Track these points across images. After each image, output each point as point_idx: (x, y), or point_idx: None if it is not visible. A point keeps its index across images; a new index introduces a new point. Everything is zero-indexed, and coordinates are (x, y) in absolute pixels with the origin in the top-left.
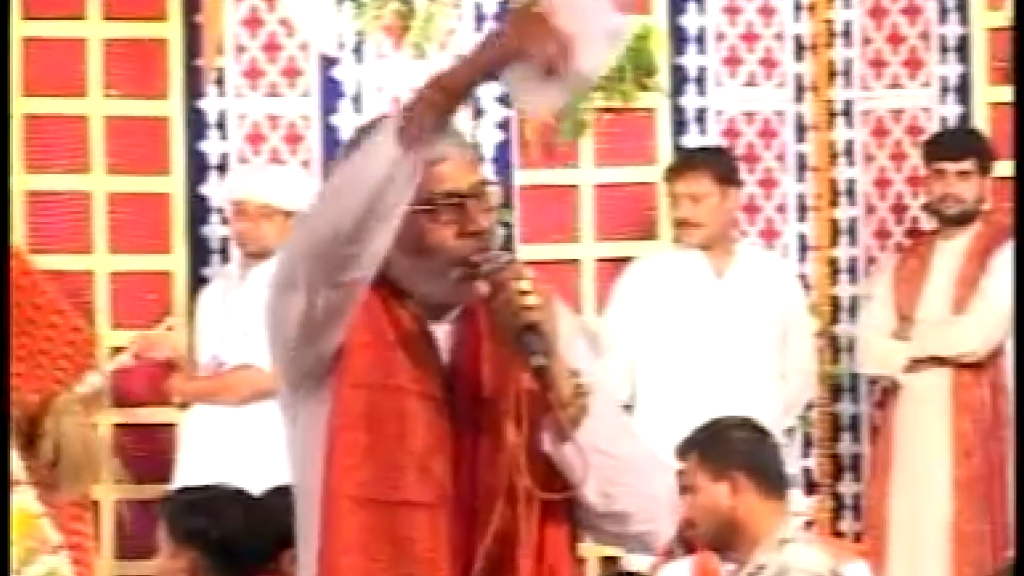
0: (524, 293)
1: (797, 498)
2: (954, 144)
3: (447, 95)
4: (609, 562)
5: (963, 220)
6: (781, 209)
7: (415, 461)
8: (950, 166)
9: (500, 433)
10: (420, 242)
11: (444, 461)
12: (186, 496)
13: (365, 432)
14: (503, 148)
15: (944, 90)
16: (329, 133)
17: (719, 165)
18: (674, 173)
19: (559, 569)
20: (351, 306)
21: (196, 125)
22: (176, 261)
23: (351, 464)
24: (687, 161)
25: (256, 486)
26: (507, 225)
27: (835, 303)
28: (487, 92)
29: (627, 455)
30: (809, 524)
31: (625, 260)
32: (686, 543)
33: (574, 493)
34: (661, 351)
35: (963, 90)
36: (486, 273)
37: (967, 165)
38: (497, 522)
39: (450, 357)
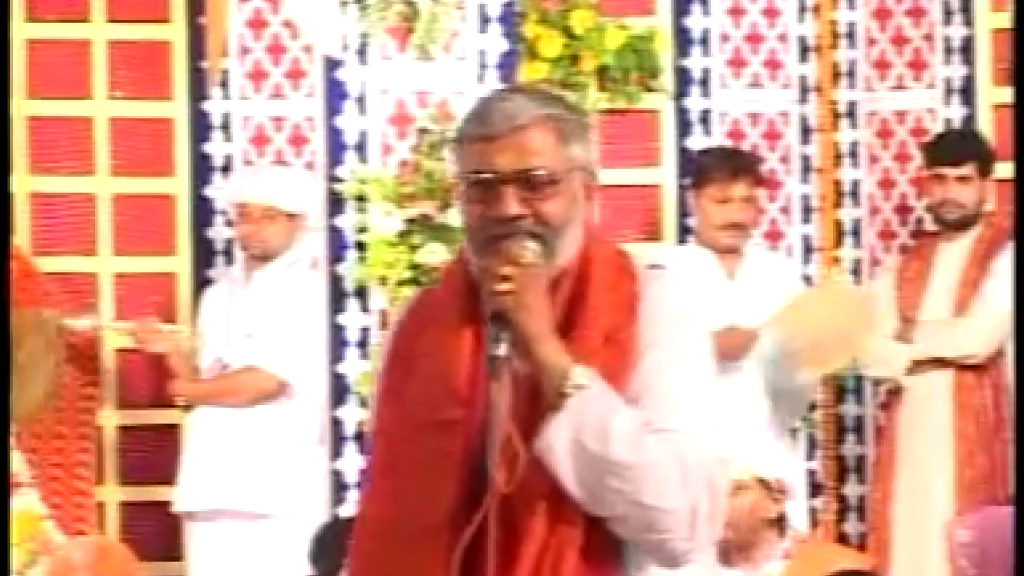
0: (502, 278)
1: (795, 507)
2: (953, 149)
3: None
4: None
5: (964, 224)
6: (785, 210)
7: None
8: (950, 171)
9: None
10: (463, 211)
11: (453, 482)
12: None
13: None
14: None
15: (948, 91)
16: (333, 135)
17: (759, 167)
18: (733, 176)
19: (563, 557)
20: None
21: (200, 127)
22: (180, 263)
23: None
24: (746, 164)
25: (259, 488)
26: None
27: None
28: None
29: (619, 460)
30: (814, 526)
31: None
32: None
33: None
34: None
35: (967, 91)
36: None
37: (967, 170)
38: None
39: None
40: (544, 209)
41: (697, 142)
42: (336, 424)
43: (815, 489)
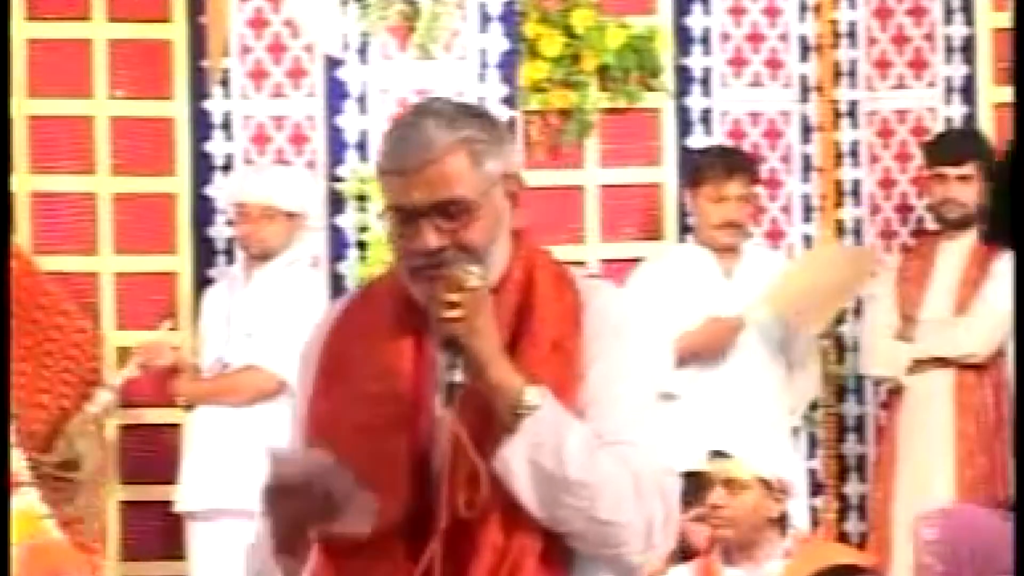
0: (450, 305)
1: (796, 506)
2: (954, 148)
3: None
4: None
5: (965, 223)
6: (786, 210)
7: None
8: (951, 171)
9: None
10: (390, 238)
11: (402, 485)
12: None
13: None
14: None
15: (949, 91)
16: (334, 134)
17: (755, 166)
18: (728, 175)
19: (521, 567)
20: None
21: (201, 126)
22: (181, 262)
23: None
24: (741, 162)
25: (259, 488)
26: None
27: None
28: (491, 93)
29: (574, 479)
30: (815, 524)
31: (630, 261)
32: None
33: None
34: (671, 350)
35: (968, 91)
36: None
37: (968, 169)
38: (439, 534)
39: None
40: (465, 237)
41: (698, 141)
42: None
43: (816, 488)
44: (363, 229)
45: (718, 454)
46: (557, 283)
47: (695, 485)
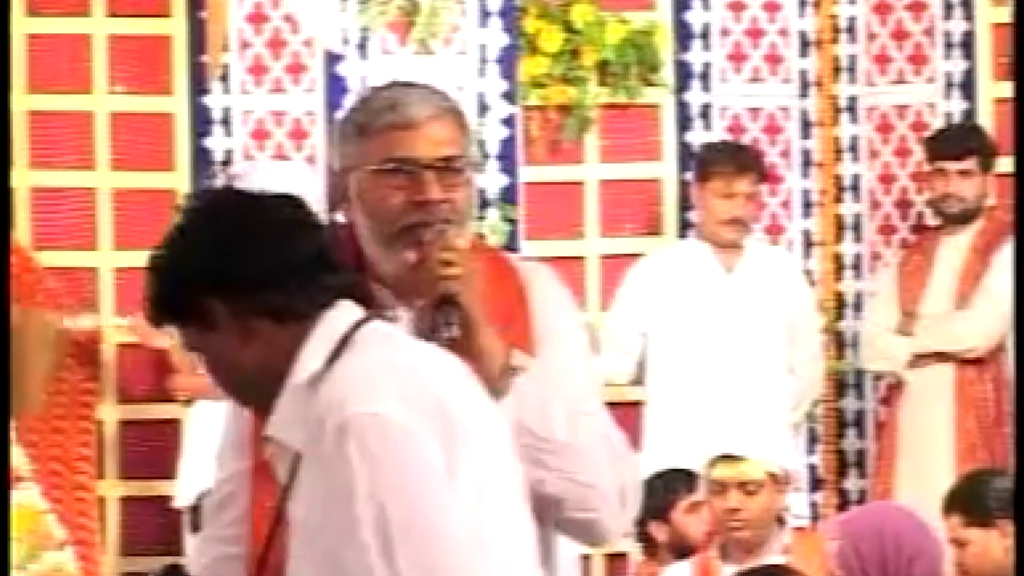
0: (446, 264)
1: (796, 499)
2: (955, 143)
3: None
4: (616, 559)
5: (966, 218)
6: (786, 205)
7: None
8: (951, 165)
9: None
10: (368, 201)
11: None
12: None
13: None
14: (508, 145)
15: (949, 86)
16: (333, 129)
17: (763, 164)
18: (738, 171)
19: None
20: None
21: (201, 121)
22: None
23: None
24: (751, 159)
25: None
26: (512, 222)
27: (840, 299)
28: (492, 88)
29: (561, 441)
30: (815, 520)
31: (630, 256)
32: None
33: None
34: (671, 346)
35: (968, 86)
36: (421, 242)
37: (968, 164)
38: None
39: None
40: (458, 197)
41: (697, 136)
42: None
43: (816, 484)
44: None
45: (726, 457)
46: (496, 264)
47: (688, 484)
